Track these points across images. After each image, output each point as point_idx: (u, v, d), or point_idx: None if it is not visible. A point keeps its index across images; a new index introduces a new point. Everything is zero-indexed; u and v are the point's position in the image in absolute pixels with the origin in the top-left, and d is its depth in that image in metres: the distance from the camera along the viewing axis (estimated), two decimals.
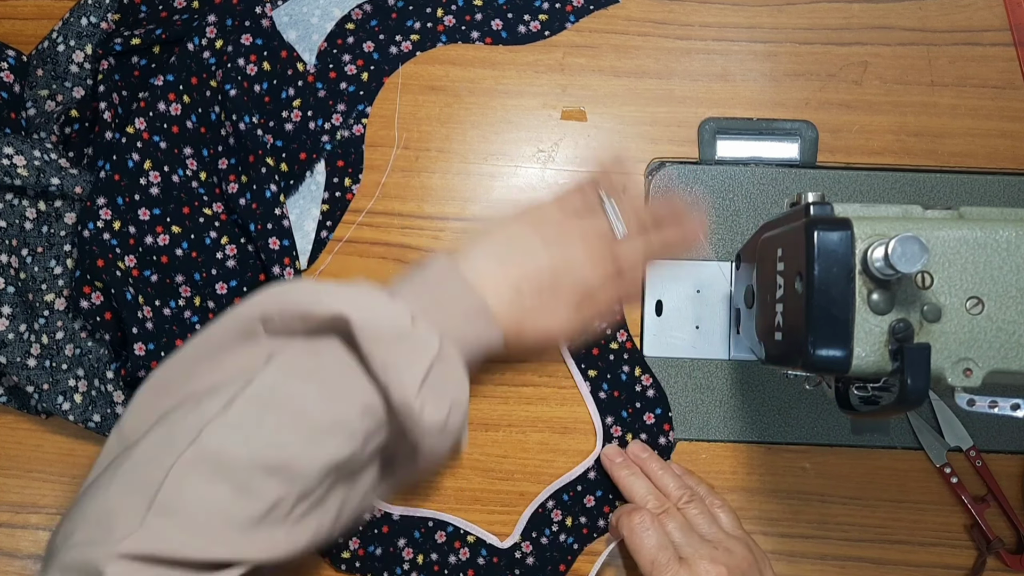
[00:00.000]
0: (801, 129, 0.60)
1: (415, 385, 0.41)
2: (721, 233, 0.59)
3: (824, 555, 0.58)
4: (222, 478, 0.37)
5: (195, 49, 0.58)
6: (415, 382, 0.41)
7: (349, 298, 0.42)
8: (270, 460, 0.38)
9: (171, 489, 0.37)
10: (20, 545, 0.59)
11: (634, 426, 0.58)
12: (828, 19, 0.61)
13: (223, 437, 0.38)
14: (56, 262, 0.58)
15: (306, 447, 0.39)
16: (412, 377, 0.41)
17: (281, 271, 0.57)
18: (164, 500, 0.37)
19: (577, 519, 0.58)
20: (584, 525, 0.58)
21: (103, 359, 0.58)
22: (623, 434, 0.58)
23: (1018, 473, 0.58)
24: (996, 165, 0.60)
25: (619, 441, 0.58)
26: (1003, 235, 0.39)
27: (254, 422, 0.39)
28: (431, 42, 0.62)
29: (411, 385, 0.41)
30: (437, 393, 0.42)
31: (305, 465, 0.39)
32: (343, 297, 0.42)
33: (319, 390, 0.41)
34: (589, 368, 0.58)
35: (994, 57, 0.61)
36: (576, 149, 0.61)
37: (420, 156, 0.61)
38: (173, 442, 0.38)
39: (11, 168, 0.55)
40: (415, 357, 0.42)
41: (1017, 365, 0.39)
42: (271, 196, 0.57)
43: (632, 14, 0.62)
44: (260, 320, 0.43)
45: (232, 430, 0.39)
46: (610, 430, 0.58)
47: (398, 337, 0.42)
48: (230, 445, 0.38)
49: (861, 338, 0.39)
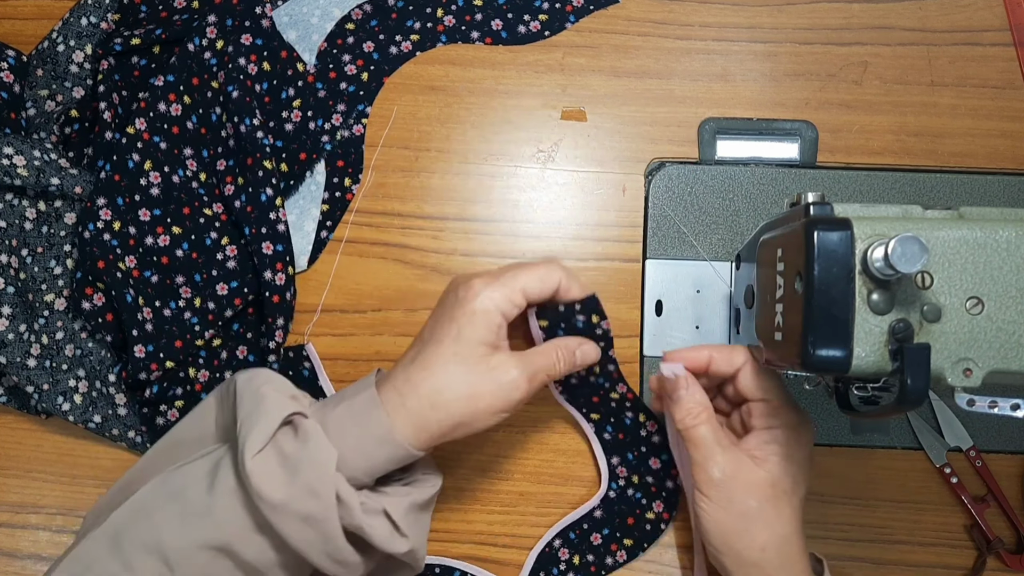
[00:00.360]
0: (801, 129, 0.60)
1: (253, 449, 0.43)
2: (721, 233, 0.59)
3: (824, 555, 0.58)
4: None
5: (195, 49, 0.58)
6: (255, 446, 0.43)
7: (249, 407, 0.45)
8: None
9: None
10: (20, 545, 0.59)
11: (640, 468, 0.57)
12: (828, 19, 0.61)
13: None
14: (56, 262, 0.58)
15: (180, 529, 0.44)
16: (253, 442, 0.43)
17: (273, 276, 0.57)
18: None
19: (584, 557, 0.57)
20: (592, 563, 0.57)
21: (104, 360, 0.58)
22: (628, 475, 0.57)
23: (1018, 473, 0.58)
24: (996, 165, 0.60)
25: (625, 481, 0.57)
26: (1003, 235, 0.39)
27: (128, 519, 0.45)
28: (431, 42, 0.62)
29: (249, 449, 0.43)
30: (286, 466, 0.43)
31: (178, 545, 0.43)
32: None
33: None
34: (592, 412, 0.56)
35: (994, 57, 0.61)
36: (576, 149, 0.61)
37: (420, 156, 0.61)
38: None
39: (11, 168, 0.55)
40: (262, 425, 0.44)
41: (1017, 365, 0.39)
42: (266, 199, 0.57)
43: (632, 14, 0.62)
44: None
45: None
46: (616, 470, 0.57)
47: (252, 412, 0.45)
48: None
49: (861, 338, 0.39)
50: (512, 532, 0.58)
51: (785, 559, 0.47)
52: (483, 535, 0.58)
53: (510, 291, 0.45)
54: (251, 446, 0.43)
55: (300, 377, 0.59)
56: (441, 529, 0.58)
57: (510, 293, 0.45)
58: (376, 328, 0.60)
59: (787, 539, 0.47)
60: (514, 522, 0.58)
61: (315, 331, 0.60)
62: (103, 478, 0.59)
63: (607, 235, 0.60)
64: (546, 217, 0.60)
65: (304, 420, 0.45)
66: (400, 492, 0.47)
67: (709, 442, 0.47)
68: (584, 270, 0.60)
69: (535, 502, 0.58)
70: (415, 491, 0.47)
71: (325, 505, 0.43)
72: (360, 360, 0.59)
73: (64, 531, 0.59)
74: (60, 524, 0.59)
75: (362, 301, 0.60)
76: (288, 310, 0.58)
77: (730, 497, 0.47)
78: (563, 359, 0.48)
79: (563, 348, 0.48)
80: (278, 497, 0.42)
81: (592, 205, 0.60)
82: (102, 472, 0.60)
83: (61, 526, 0.59)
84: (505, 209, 0.60)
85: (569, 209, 0.60)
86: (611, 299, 0.59)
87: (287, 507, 0.42)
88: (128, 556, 0.44)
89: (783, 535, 0.47)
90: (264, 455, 0.43)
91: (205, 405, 0.50)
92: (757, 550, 0.47)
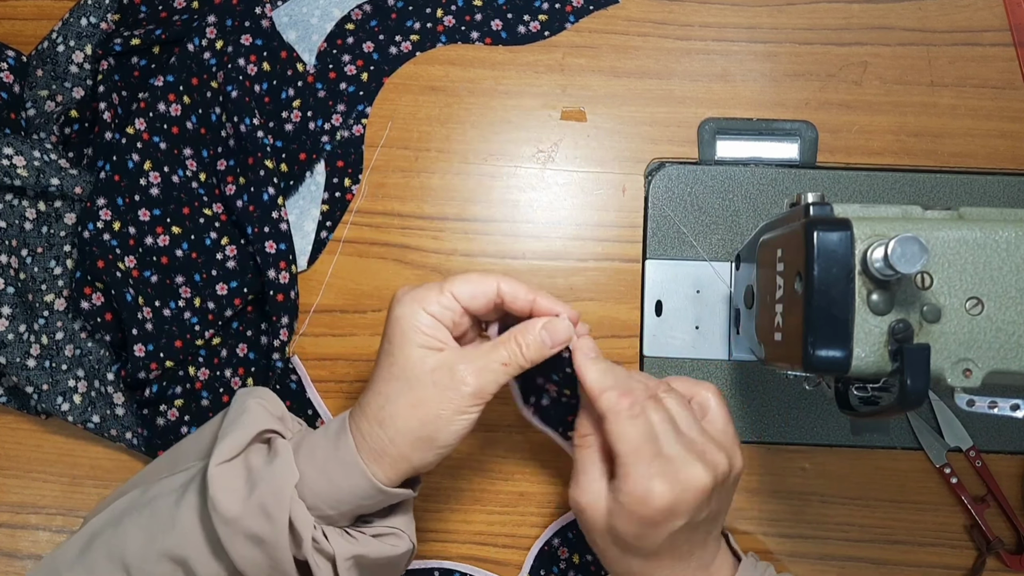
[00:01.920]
0: (801, 129, 0.60)
1: (220, 457, 0.43)
2: (721, 233, 0.59)
3: (824, 555, 0.58)
4: None
5: (195, 50, 0.58)
6: (222, 455, 0.43)
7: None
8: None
9: None
10: (20, 545, 0.59)
11: None
12: (828, 19, 0.61)
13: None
14: (56, 262, 0.58)
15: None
16: (221, 450, 0.43)
17: (276, 275, 0.57)
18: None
19: (584, 556, 0.57)
20: (592, 562, 0.57)
21: (103, 360, 0.58)
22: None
23: (1018, 473, 0.58)
24: (996, 165, 0.60)
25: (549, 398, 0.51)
26: (1003, 235, 0.39)
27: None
28: (431, 42, 0.62)
29: (216, 456, 0.43)
30: (248, 480, 0.43)
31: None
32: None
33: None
34: (570, 431, 0.50)
35: (994, 57, 0.61)
36: (576, 149, 0.61)
37: (420, 156, 0.61)
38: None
39: (11, 168, 0.55)
40: (236, 435, 0.44)
41: (1017, 365, 0.39)
42: (268, 199, 0.57)
43: (632, 14, 0.62)
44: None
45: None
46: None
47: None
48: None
49: (861, 338, 0.39)
50: (512, 532, 0.58)
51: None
52: (483, 535, 0.58)
53: (436, 292, 0.43)
54: (219, 454, 0.42)
55: (287, 390, 0.59)
56: (441, 529, 0.58)
57: (436, 295, 0.43)
58: (376, 328, 0.60)
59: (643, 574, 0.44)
60: (514, 522, 0.58)
61: (315, 331, 0.60)
62: (103, 478, 0.59)
63: (607, 235, 0.60)
64: (546, 217, 0.60)
65: (278, 439, 0.44)
66: (362, 541, 0.44)
67: (577, 468, 0.45)
68: (584, 270, 0.60)
69: (535, 502, 0.58)
70: (375, 545, 0.44)
71: (277, 529, 0.41)
72: (360, 360, 0.60)
73: (64, 531, 0.59)
74: (60, 524, 0.59)
75: (362, 301, 0.60)
76: (292, 308, 0.58)
77: (582, 525, 0.45)
78: (526, 343, 0.44)
79: (521, 332, 0.44)
80: (232, 511, 0.41)
81: (592, 205, 0.60)
82: (102, 472, 0.60)
83: (61, 526, 0.59)
84: (505, 209, 0.60)
85: (569, 209, 0.60)
86: (611, 299, 0.59)
87: (238, 523, 0.41)
88: (92, 562, 0.44)
89: (637, 572, 0.44)
90: (231, 466, 0.42)
91: (211, 422, 0.50)
92: (615, 572, 0.45)
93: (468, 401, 0.43)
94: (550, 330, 0.44)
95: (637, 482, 0.41)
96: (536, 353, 0.44)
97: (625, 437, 0.42)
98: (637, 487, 0.41)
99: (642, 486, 0.41)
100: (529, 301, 0.45)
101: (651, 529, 0.41)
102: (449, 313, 0.44)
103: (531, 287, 0.45)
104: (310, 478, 0.42)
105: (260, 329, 0.59)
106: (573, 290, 0.60)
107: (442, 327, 0.44)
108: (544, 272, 0.60)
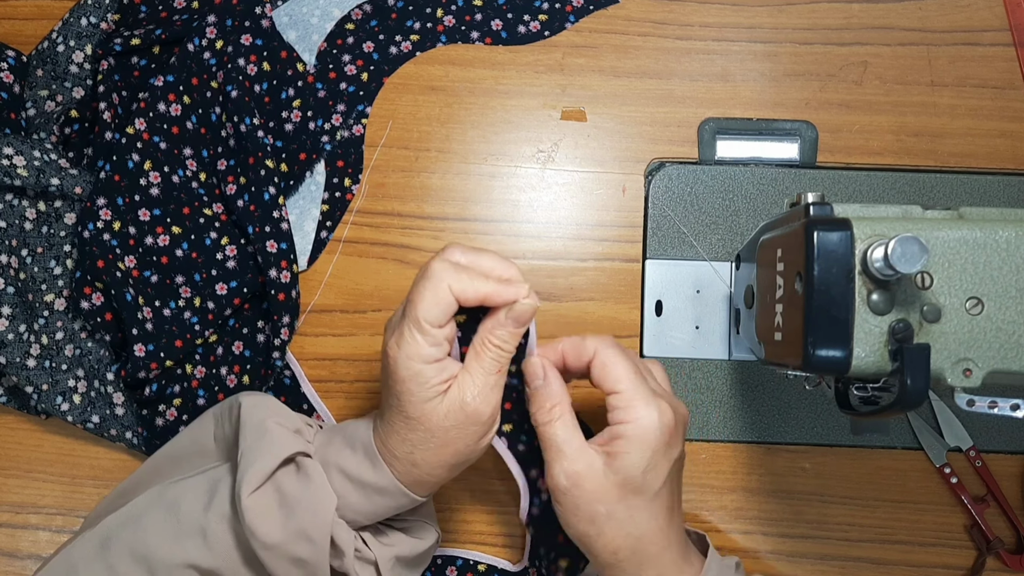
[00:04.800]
0: (801, 129, 0.60)
1: (250, 486, 0.43)
2: (721, 233, 0.59)
3: (824, 555, 0.58)
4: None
5: (195, 50, 0.58)
6: (252, 483, 0.43)
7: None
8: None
9: None
10: (20, 545, 0.59)
11: None
12: (828, 19, 0.61)
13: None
14: (56, 262, 0.58)
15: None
16: (251, 479, 0.43)
17: (278, 274, 0.57)
18: None
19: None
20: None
21: (103, 360, 0.58)
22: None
23: (1018, 473, 0.58)
24: (996, 165, 0.60)
25: (548, 495, 0.47)
26: (1003, 235, 0.39)
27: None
28: (431, 42, 0.62)
29: (247, 485, 0.43)
30: (284, 506, 0.43)
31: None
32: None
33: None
34: (503, 424, 0.50)
35: (994, 57, 0.61)
36: (576, 149, 0.61)
37: (420, 156, 0.61)
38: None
39: (11, 168, 0.55)
40: (262, 462, 0.44)
41: (1017, 365, 0.39)
42: (269, 198, 0.57)
43: (632, 14, 0.62)
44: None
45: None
46: (536, 483, 0.52)
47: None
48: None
49: (861, 338, 0.39)
50: (512, 532, 0.58)
51: (643, 558, 0.45)
52: (483, 535, 0.58)
53: (421, 335, 0.42)
54: (249, 482, 0.43)
55: (282, 386, 0.59)
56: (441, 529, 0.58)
57: (423, 337, 0.42)
58: (376, 328, 0.60)
59: (642, 539, 0.44)
60: (514, 522, 0.58)
61: (315, 331, 0.60)
62: (103, 478, 0.59)
63: (607, 235, 0.60)
64: (546, 217, 0.60)
65: (307, 460, 0.45)
66: (396, 541, 0.47)
67: (557, 442, 0.45)
68: (584, 270, 0.60)
69: None
70: (410, 543, 0.48)
71: (318, 550, 0.43)
72: (360, 360, 0.60)
73: (64, 531, 0.59)
74: (60, 524, 0.59)
75: (362, 301, 0.60)
76: (294, 307, 0.58)
77: (576, 504, 0.44)
78: (501, 340, 0.44)
79: (488, 333, 0.44)
80: (272, 539, 0.43)
81: (592, 205, 0.60)
82: (102, 472, 0.60)
83: (61, 526, 0.59)
84: (505, 209, 0.60)
85: (569, 209, 0.60)
86: (611, 299, 0.59)
87: (279, 548, 0.43)
88: (114, 561, 0.44)
89: (637, 536, 0.44)
90: (262, 492, 0.43)
91: (203, 421, 0.51)
92: (610, 553, 0.45)
93: (488, 426, 0.45)
94: (515, 317, 0.44)
95: (646, 406, 0.44)
96: (514, 342, 0.45)
97: (628, 371, 0.45)
98: (647, 412, 0.43)
99: (650, 409, 0.43)
100: (480, 297, 0.44)
101: (659, 456, 0.44)
102: (444, 345, 0.44)
103: (474, 275, 0.43)
104: (349, 498, 0.45)
105: (256, 327, 0.59)
106: (573, 290, 0.60)
107: (442, 363, 0.44)
108: (544, 272, 0.60)
